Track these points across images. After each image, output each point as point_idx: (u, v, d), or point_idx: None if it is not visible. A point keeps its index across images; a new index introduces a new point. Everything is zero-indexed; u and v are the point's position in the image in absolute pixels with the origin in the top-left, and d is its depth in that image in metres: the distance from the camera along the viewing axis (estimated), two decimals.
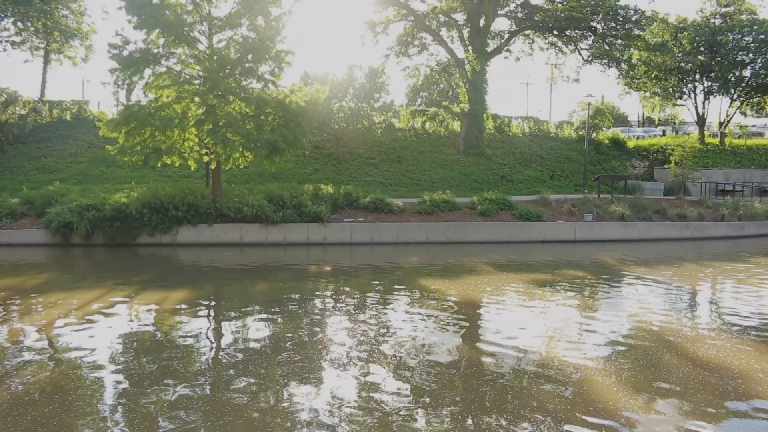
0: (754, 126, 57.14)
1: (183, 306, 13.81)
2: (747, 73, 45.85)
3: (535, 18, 39.45)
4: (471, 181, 35.13)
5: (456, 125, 40.96)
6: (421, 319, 12.85)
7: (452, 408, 8.16)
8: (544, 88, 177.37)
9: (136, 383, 8.85)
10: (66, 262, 20.82)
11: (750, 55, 45.10)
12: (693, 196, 35.49)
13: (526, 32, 41.83)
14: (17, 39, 42.38)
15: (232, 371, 9.49)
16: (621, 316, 13.45)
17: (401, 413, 7.93)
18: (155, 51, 22.93)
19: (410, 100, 40.89)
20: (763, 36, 43.86)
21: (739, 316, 13.76)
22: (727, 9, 45.58)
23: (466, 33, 39.08)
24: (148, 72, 23.24)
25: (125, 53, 22.61)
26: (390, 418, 7.78)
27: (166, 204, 23.13)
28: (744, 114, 52.08)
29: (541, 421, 7.75)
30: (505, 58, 43.62)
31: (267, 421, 7.62)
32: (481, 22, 38.08)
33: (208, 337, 11.53)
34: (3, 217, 23.26)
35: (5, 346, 10.51)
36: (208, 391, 8.66)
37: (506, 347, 10.89)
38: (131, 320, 12.54)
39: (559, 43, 42.23)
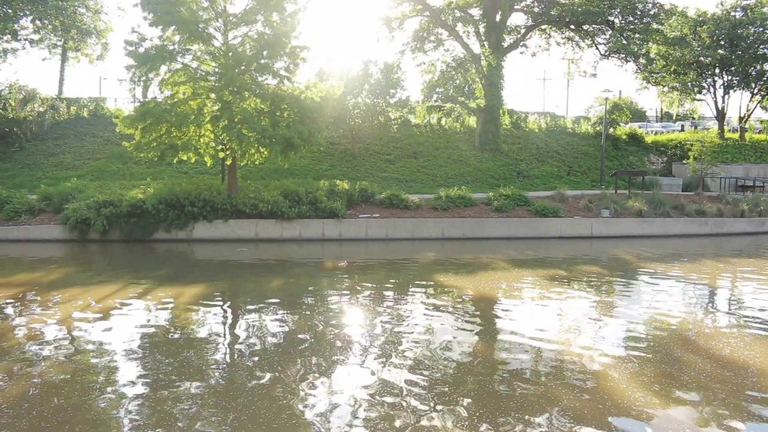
0: None
1: (199, 301, 13.84)
2: None
3: (552, 12, 39.22)
4: (487, 176, 34.98)
5: (472, 121, 40.80)
6: (437, 316, 12.77)
7: (467, 405, 8.09)
8: (560, 83, 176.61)
9: (152, 378, 8.87)
10: (83, 257, 20.96)
11: None
12: (712, 191, 35.08)
13: (543, 27, 41.60)
14: (35, 37, 42.74)
15: (247, 366, 9.49)
16: (638, 312, 13.29)
17: (416, 410, 7.87)
18: (171, 48, 22.99)
19: (426, 95, 40.83)
20: None
21: (759, 312, 13.56)
22: (748, 2, 44.96)
23: (482, 28, 38.90)
24: (163, 69, 23.36)
25: (141, 50, 22.69)
26: (405, 414, 7.72)
27: (182, 200, 23.21)
28: (765, 108, 51.35)
29: (558, 418, 7.67)
30: (522, 53, 43.46)
31: (283, 416, 7.59)
32: (498, 17, 37.88)
33: (223, 333, 11.54)
34: (22, 213, 23.49)
35: (22, 341, 10.58)
36: (224, 386, 8.65)
37: (523, 344, 10.80)
38: (147, 315, 12.57)
39: (576, 38, 41.97)
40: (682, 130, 55.75)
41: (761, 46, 44.25)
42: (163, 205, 22.99)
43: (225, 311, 13.35)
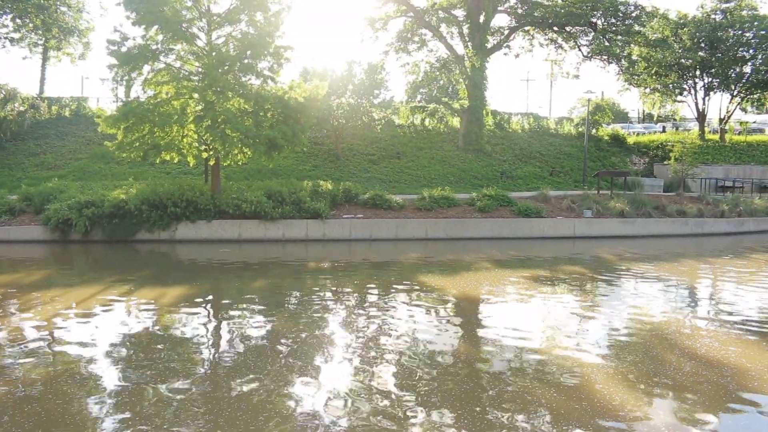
0: (754, 122, 57.01)
1: (181, 302, 13.79)
2: (747, 69, 45.80)
3: (535, 14, 39.42)
4: (470, 177, 35.10)
5: (455, 122, 40.90)
6: (421, 316, 12.82)
7: (451, 406, 8.14)
8: (543, 84, 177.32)
9: (135, 380, 8.83)
10: (65, 258, 20.81)
11: (750, 51, 45.04)
12: (693, 192, 35.44)
13: (526, 28, 41.79)
14: (16, 35, 42.37)
15: (230, 368, 9.48)
16: (620, 312, 13.42)
17: (400, 410, 7.91)
18: (154, 47, 22.88)
19: (410, 96, 40.82)
20: (763, 32, 43.79)
21: (738, 311, 13.75)
22: (728, 5, 45.47)
23: (465, 29, 39.02)
24: (146, 68, 23.24)
25: (124, 49, 22.57)
26: (389, 415, 7.76)
27: (164, 200, 23.08)
28: (744, 110, 52.00)
29: (541, 417, 7.73)
30: (505, 54, 43.63)
31: (266, 417, 7.60)
32: (481, 18, 38.01)
33: (206, 334, 11.51)
34: (2, 213, 23.25)
35: (3, 343, 10.48)
36: (207, 388, 8.63)
37: (506, 344, 10.87)
38: (130, 317, 12.51)
39: (559, 39, 42.21)
40: (664, 131, 56.23)
41: (740, 49, 44.80)
42: (146, 206, 22.86)
43: (208, 312, 13.31)
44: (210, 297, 15.04)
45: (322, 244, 23.96)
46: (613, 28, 40.22)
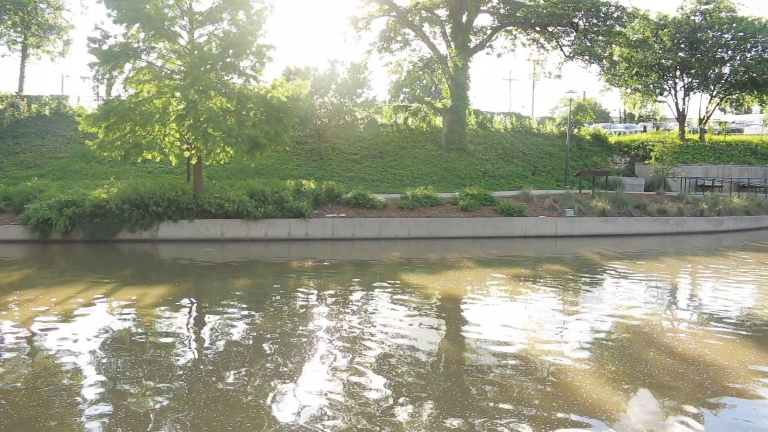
0: (733, 122, 57.76)
1: (163, 302, 13.72)
2: (726, 70, 46.29)
3: (518, 14, 39.62)
4: (453, 176, 35.20)
5: (438, 121, 40.99)
6: (403, 315, 12.86)
7: (435, 403, 8.18)
8: (526, 84, 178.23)
9: (116, 380, 8.79)
10: (45, 258, 20.61)
11: (729, 52, 45.55)
12: (673, 191, 35.77)
13: (509, 28, 41.99)
14: None
15: (213, 368, 9.45)
16: (602, 310, 13.54)
17: (383, 409, 7.94)
18: (135, 45, 22.72)
19: (393, 95, 40.88)
20: (741, 34, 44.32)
21: (717, 309, 13.93)
22: (707, 6, 45.94)
23: (448, 29, 39.13)
24: (128, 67, 23.05)
25: (105, 47, 22.39)
26: (372, 413, 7.78)
27: (146, 200, 22.93)
28: (723, 110, 52.56)
29: (523, 415, 7.79)
30: (488, 54, 43.77)
31: (248, 417, 7.59)
32: (464, 18, 38.12)
33: (188, 334, 11.47)
34: None
35: None
36: (189, 388, 8.61)
37: (488, 342, 10.93)
38: (111, 317, 12.43)
39: (541, 40, 42.44)
40: (645, 130, 56.73)
41: (719, 50, 45.30)
42: (127, 205, 22.69)
43: (189, 312, 13.26)
44: (192, 297, 14.99)
45: (305, 243, 23.93)
46: (595, 29, 40.52)
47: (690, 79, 47.02)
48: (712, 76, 46.05)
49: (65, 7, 45.75)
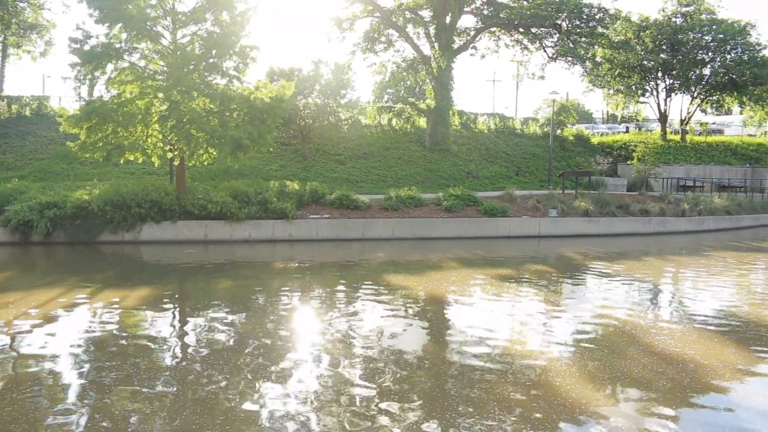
0: (713, 123, 58.41)
1: (146, 304, 13.64)
2: (707, 71, 46.84)
3: (501, 15, 39.79)
4: (437, 177, 35.28)
5: (422, 122, 41.08)
6: (388, 316, 12.87)
7: (418, 404, 8.20)
8: (510, 85, 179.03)
9: (97, 384, 8.72)
10: (26, 261, 20.41)
11: (709, 54, 46.10)
12: (655, 191, 36.10)
13: (492, 29, 42.15)
14: None
15: (196, 370, 9.41)
16: (585, 310, 13.64)
17: (367, 410, 7.94)
18: (117, 46, 22.53)
19: (377, 96, 41.02)
20: (721, 36, 44.86)
21: (698, 308, 14.09)
22: (688, 9, 46.44)
23: (432, 30, 39.22)
24: (110, 67, 22.85)
25: (86, 48, 22.20)
26: (356, 414, 7.78)
27: (128, 201, 22.78)
28: (704, 111, 53.18)
29: (505, 414, 7.83)
30: (471, 55, 44.01)
31: (232, 419, 7.57)
32: (447, 19, 38.23)
33: (171, 336, 11.41)
34: None
35: None
36: (172, 390, 8.56)
37: (471, 343, 10.97)
38: (93, 319, 12.34)
39: (525, 41, 42.64)
40: (627, 131, 57.17)
41: (700, 52, 45.81)
42: (110, 206, 22.53)
43: (172, 314, 13.19)
44: (175, 299, 14.91)
45: (289, 244, 23.88)
46: (578, 30, 40.79)
47: (671, 81, 47.51)
48: (693, 77, 46.56)
49: (46, 7, 45.36)
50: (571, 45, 40.53)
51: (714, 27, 45.05)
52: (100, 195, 22.95)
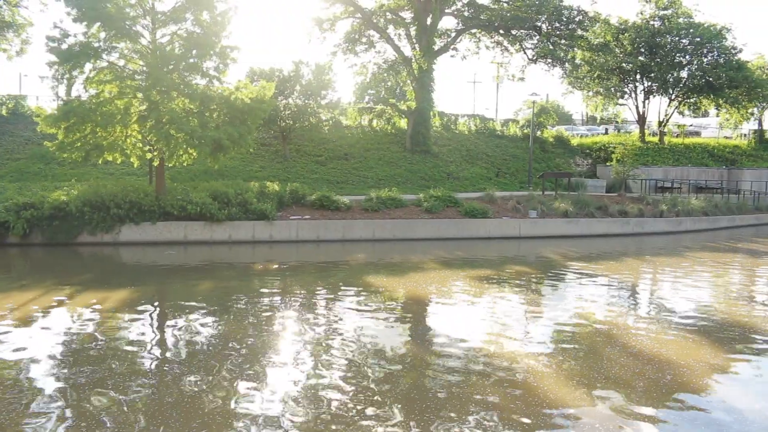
0: (691, 125, 59.13)
1: (125, 306, 13.53)
2: (684, 74, 47.43)
3: (482, 17, 39.99)
4: (417, 178, 35.36)
5: (403, 123, 41.15)
6: (368, 317, 12.89)
7: (399, 405, 8.22)
8: (490, 86, 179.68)
9: (75, 387, 8.65)
10: (1, 262, 20.13)
11: (687, 57, 46.69)
12: (634, 192, 36.46)
13: (473, 31, 42.36)
14: None
15: (174, 372, 9.36)
16: (564, 310, 13.74)
17: (348, 412, 7.95)
18: (96, 45, 22.30)
19: (358, 97, 41.05)
20: (698, 39, 45.43)
21: (676, 308, 14.25)
22: (665, 12, 46.97)
23: (413, 31, 39.30)
24: (88, 66, 22.60)
25: (64, 47, 21.94)
26: (335, 416, 7.79)
27: (107, 202, 22.57)
28: (682, 114, 53.78)
29: (486, 414, 7.88)
30: (452, 56, 44.26)
31: (209, 422, 7.54)
32: (428, 21, 38.33)
33: (150, 338, 11.33)
34: None
35: None
36: (152, 393, 8.51)
37: (452, 344, 11.01)
38: (71, 323, 12.23)
39: (505, 42, 42.89)
40: (606, 133, 57.70)
41: (678, 55, 46.36)
42: (88, 207, 22.32)
43: (152, 316, 13.10)
44: (155, 300, 14.81)
45: (270, 245, 23.81)
46: (557, 32, 41.10)
47: (649, 83, 48.05)
48: (670, 80, 47.11)
49: (23, 5, 44.73)
50: (551, 47, 40.85)
51: (691, 30, 45.63)
52: (78, 196, 22.72)
